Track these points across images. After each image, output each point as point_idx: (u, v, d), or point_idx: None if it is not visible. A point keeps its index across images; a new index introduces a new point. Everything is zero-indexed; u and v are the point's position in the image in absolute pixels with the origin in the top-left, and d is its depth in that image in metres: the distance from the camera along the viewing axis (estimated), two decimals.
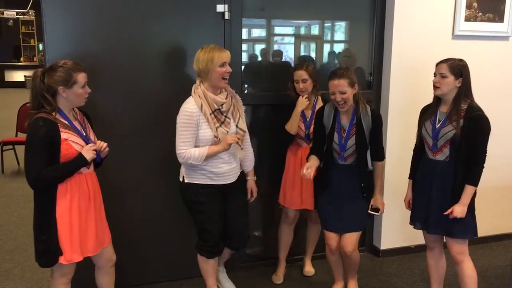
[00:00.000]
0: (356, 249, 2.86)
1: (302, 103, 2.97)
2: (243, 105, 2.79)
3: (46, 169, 2.15)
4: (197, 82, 2.60)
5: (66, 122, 2.24)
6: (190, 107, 2.53)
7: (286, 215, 3.22)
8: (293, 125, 2.97)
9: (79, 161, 2.22)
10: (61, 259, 2.25)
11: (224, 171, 2.63)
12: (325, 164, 2.80)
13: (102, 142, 2.33)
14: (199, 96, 2.53)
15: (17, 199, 5.09)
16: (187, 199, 2.69)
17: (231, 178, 2.68)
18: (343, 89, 2.60)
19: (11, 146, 6.26)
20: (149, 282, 3.19)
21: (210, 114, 2.53)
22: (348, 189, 2.75)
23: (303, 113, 3.01)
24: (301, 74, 2.96)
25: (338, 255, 2.93)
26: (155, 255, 3.17)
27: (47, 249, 2.24)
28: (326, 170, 2.80)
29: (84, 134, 2.31)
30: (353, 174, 2.75)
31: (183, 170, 2.67)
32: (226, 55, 2.53)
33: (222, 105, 2.56)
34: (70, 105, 2.29)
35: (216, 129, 2.53)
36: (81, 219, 2.28)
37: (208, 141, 2.55)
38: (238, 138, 2.54)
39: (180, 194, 2.72)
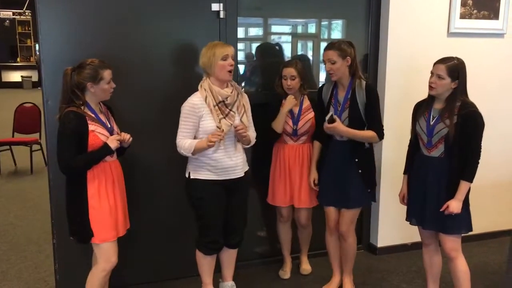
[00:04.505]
0: (353, 231, 2.94)
1: (290, 102, 3.00)
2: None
3: (76, 157, 2.35)
4: (204, 77, 2.68)
5: (93, 115, 2.42)
6: (194, 99, 2.62)
7: (279, 213, 3.24)
8: (280, 123, 3.00)
9: (104, 150, 2.40)
10: (94, 239, 2.44)
11: (228, 166, 2.66)
12: (324, 142, 2.90)
13: (126, 134, 2.50)
14: (204, 89, 2.61)
15: (13, 199, 5.09)
16: (191, 195, 2.72)
17: (236, 173, 2.71)
18: (332, 59, 2.69)
19: (7, 147, 6.25)
20: (148, 281, 3.18)
21: (214, 106, 2.59)
22: (343, 165, 2.80)
23: (290, 110, 3.04)
24: (290, 71, 2.99)
25: (336, 239, 3.00)
26: (153, 254, 3.17)
27: (82, 229, 2.43)
28: (324, 147, 2.90)
29: (109, 126, 2.49)
30: (348, 150, 2.79)
31: (189, 167, 2.70)
32: (229, 49, 2.61)
33: (226, 98, 2.62)
34: (97, 99, 2.47)
35: (219, 121, 2.58)
36: (110, 202, 2.47)
37: (209, 132, 2.57)
38: (220, 135, 2.52)
39: (185, 190, 2.74)
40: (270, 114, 3.05)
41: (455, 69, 2.51)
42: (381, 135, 2.80)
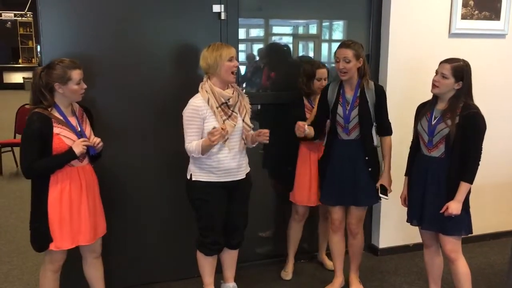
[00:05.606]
0: (361, 228, 2.97)
1: None
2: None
3: (39, 161, 2.28)
4: (204, 79, 2.66)
5: (61, 118, 2.34)
6: (196, 101, 2.60)
7: (296, 211, 3.26)
8: None
9: (68, 155, 2.32)
10: (52, 246, 2.36)
11: (232, 167, 2.66)
12: (328, 141, 2.91)
13: (96, 138, 2.41)
14: (206, 91, 2.60)
15: (15, 201, 5.09)
16: (192, 196, 2.72)
17: (238, 175, 2.71)
18: (348, 57, 2.71)
19: (9, 148, 6.25)
20: (148, 282, 3.19)
21: (217, 107, 2.58)
22: (352, 164, 2.82)
23: None
24: (325, 72, 3.10)
25: (341, 237, 3.01)
26: (154, 255, 3.17)
27: (39, 235, 2.36)
28: (329, 146, 2.90)
29: (79, 129, 2.39)
30: (357, 148, 2.82)
31: (190, 168, 2.70)
32: (233, 51, 2.63)
33: (228, 99, 2.62)
34: (67, 101, 2.38)
35: (223, 122, 2.57)
36: (73, 209, 2.37)
37: None
38: (223, 129, 2.48)
39: (186, 191, 2.74)
40: (294, 113, 3.06)
41: (459, 70, 2.51)
42: (391, 133, 2.89)
